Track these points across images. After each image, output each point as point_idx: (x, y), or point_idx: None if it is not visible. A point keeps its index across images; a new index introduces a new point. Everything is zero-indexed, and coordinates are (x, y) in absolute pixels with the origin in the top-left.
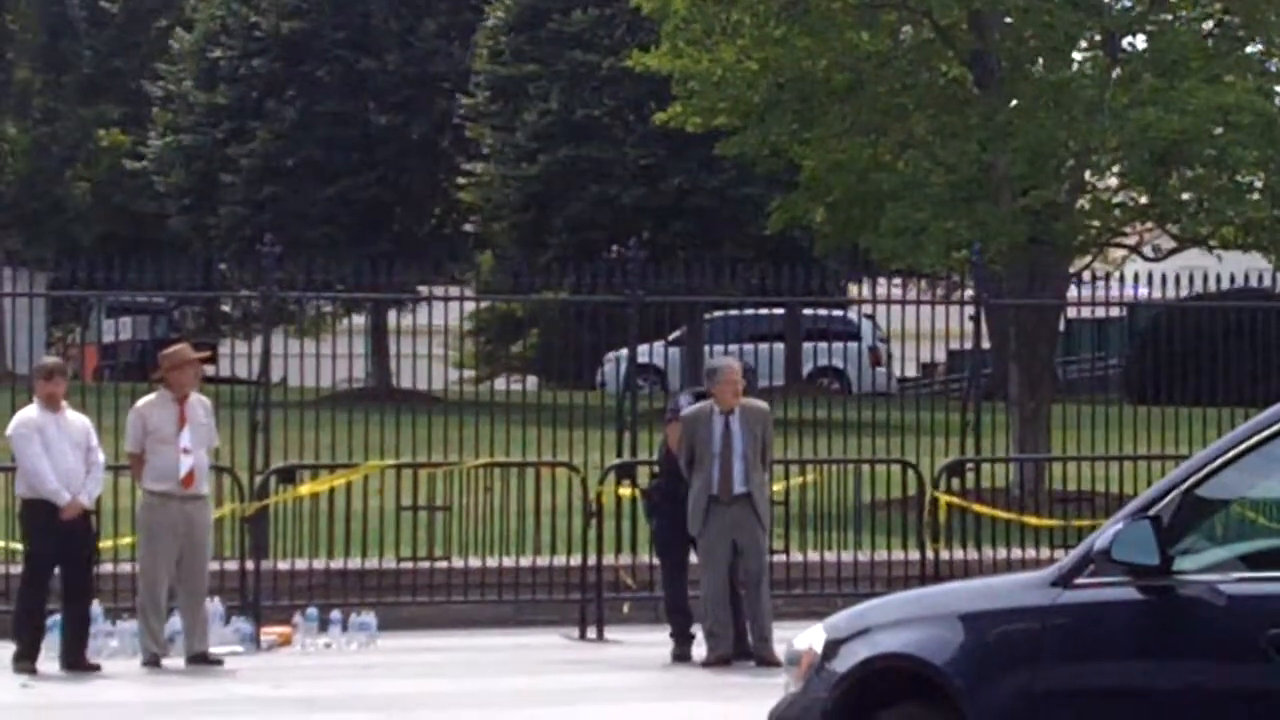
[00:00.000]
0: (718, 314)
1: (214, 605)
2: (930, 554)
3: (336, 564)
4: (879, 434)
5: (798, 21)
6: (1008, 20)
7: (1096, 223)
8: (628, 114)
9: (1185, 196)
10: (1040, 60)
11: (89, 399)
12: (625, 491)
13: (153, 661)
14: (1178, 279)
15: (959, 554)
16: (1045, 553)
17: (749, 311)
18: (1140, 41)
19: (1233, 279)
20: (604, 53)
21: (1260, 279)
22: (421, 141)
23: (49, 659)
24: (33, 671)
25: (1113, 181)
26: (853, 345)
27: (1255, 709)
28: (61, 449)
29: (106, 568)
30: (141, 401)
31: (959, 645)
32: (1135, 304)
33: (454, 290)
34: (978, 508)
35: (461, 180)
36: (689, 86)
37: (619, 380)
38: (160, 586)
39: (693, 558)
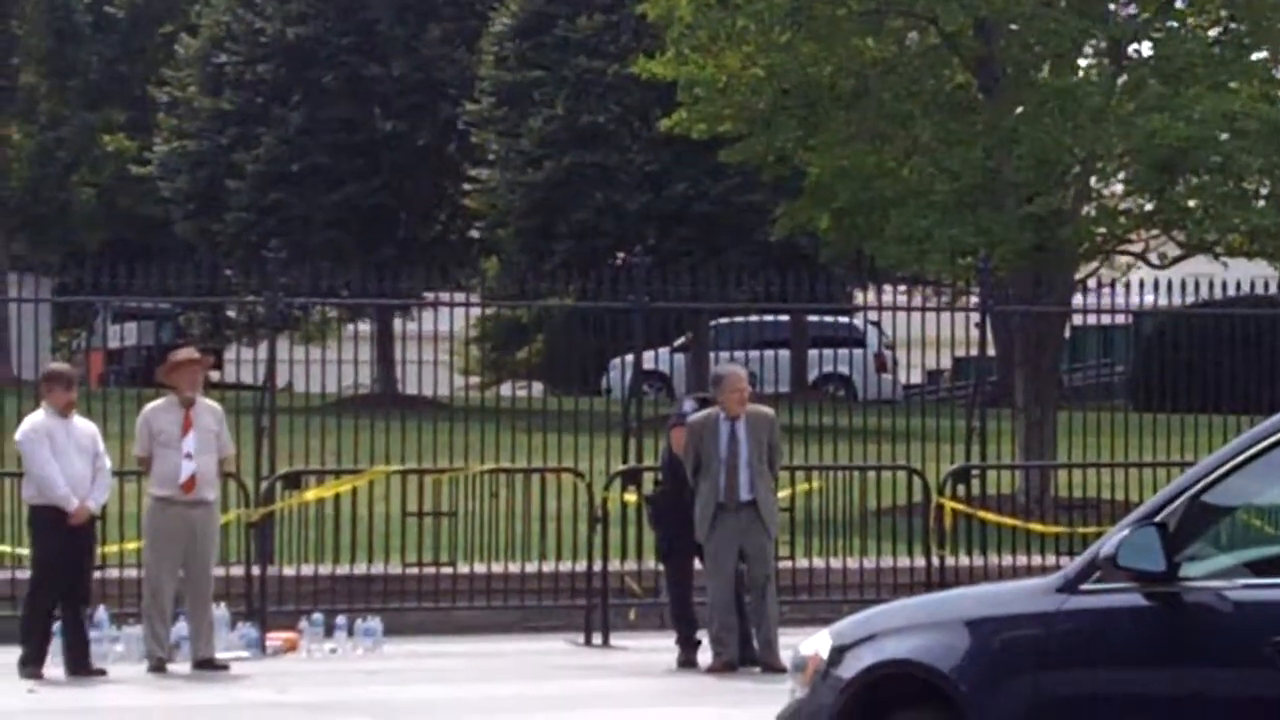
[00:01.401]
0: (723, 320)
1: (220, 610)
2: (936, 560)
3: (342, 569)
4: (884, 440)
5: (803, 28)
6: (1013, 27)
7: (1102, 230)
8: (633, 120)
9: (1191, 203)
10: (1046, 67)
11: (94, 405)
12: (630, 497)
13: (158, 667)
14: (1183, 286)
15: (964, 560)
16: (1050, 559)
17: (754, 318)
18: (1146, 48)
19: (1238, 286)
20: (609, 59)
21: (1266, 286)
22: (427, 147)
23: (54, 664)
24: (39, 677)
25: (1118, 188)
26: (858, 352)
27: (1261, 716)
28: (69, 455)
29: (112, 573)
30: (149, 406)
31: (965, 651)
32: (1141, 311)
33: (459, 296)
34: (983, 514)
35: (467, 186)
36: (694, 93)
37: (624, 386)
38: (165, 591)
39: (697, 564)
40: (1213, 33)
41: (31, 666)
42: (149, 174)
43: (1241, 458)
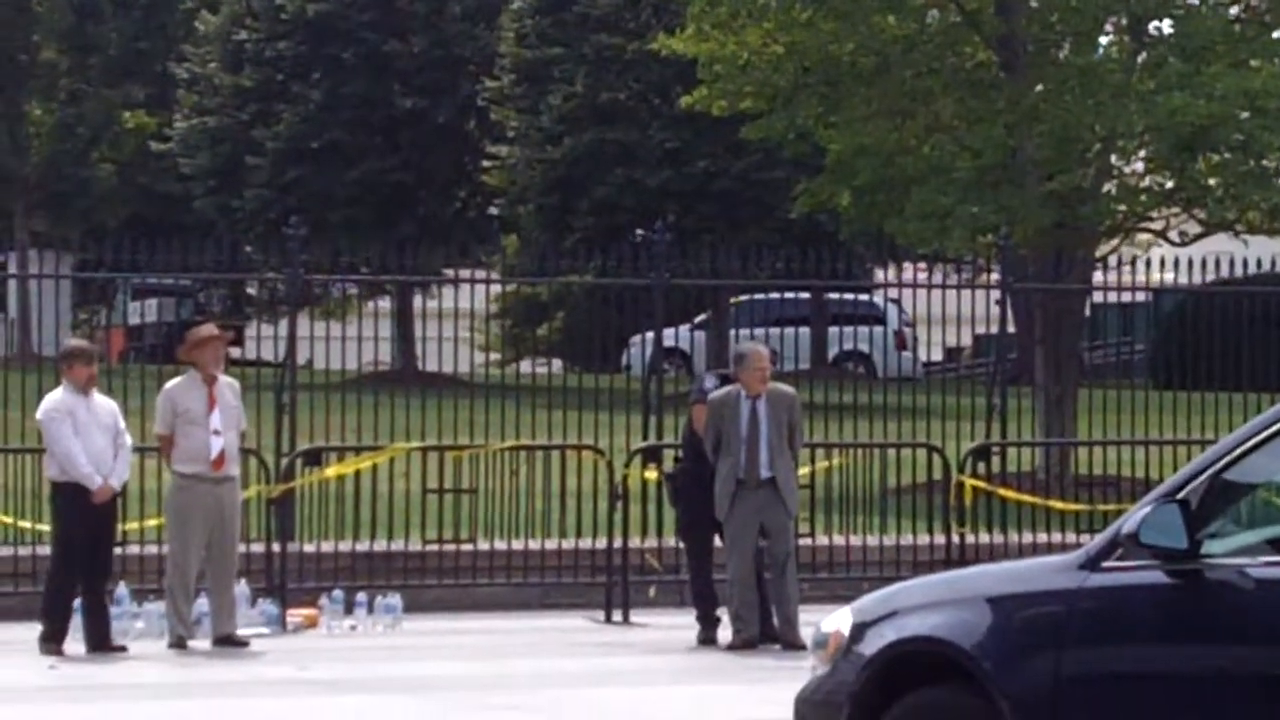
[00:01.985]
0: (743, 298)
1: (240, 587)
2: (956, 538)
3: (362, 546)
4: (904, 418)
5: (823, 5)
6: (1034, 4)
7: (1123, 207)
8: (653, 97)
9: (1211, 181)
10: (1067, 44)
11: (115, 382)
12: (651, 475)
13: (179, 643)
14: (1204, 264)
15: (984, 538)
16: (1071, 537)
17: (774, 295)
18: (1166, 26)
19: (1259, 264)
20: (629, 36)
21: None
22: (447, 124)
23: (75, 641)
24: (60, 653)
25: (1139, 166)
26: (878, 329)
27: None
28: (91, 432)
29: (133, 549)
30: (171, 383)
31: (986, 628)
32: (1161, 289)
33: (479, 273)
34: (1003, 492)
35: (486, 163)
36: (714, 70)
37: (644, 363)
38: (190, 569)
39: (718, 541)
40: (1233, 10)
41: (52, 643)
42: (169, 151)
43: (1263, 435)
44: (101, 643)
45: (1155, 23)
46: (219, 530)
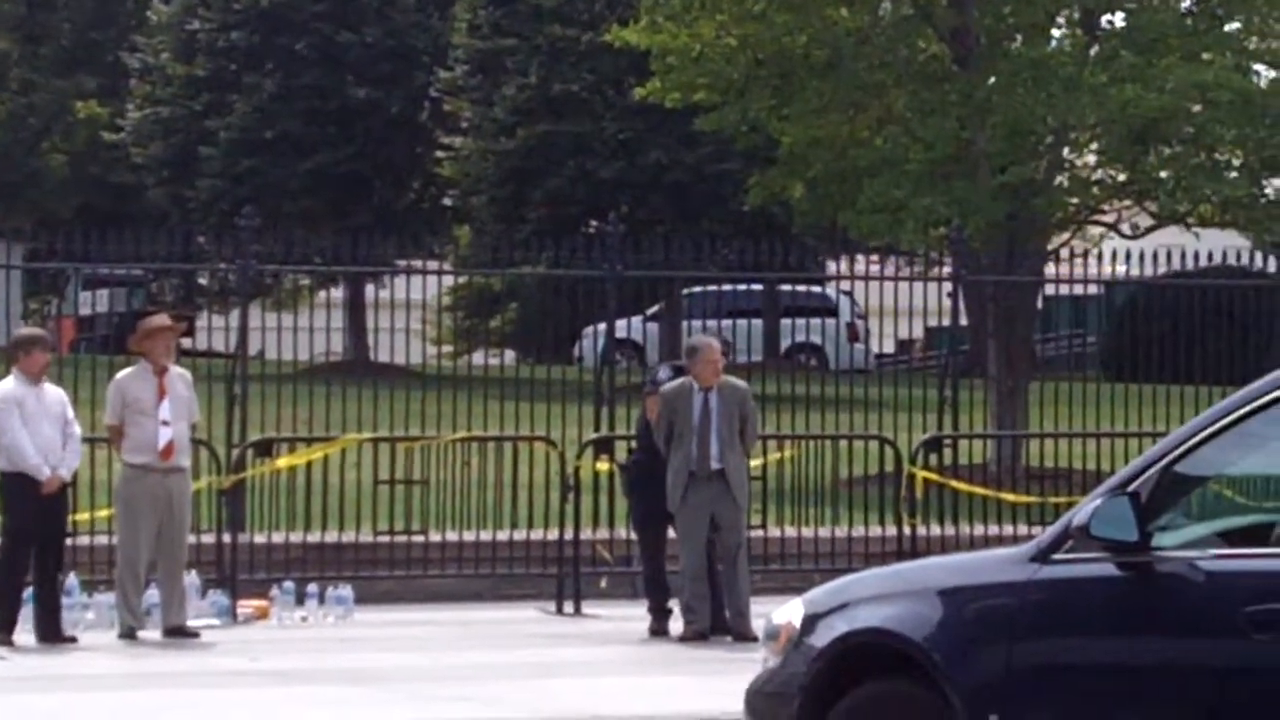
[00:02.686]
0: (696, 289)
1: (191, 578)
2: (908, 530)
3: (314, 537)
4: (857, 410)
5: None
6: None
7: (1075, 200)
8: (606, 89)
9: (1163, 174)
10: (1019, 37)
11: (66, 371)
12: (603, 466)
13: (129, 634)
14: (1155, 256)
15: (936, 530)
16: (1022, 529)
17: (727, 287)
18: (1119, 19)
19: (1210, 257)
20: (582, 27)
21: (1238, 257)
22: (400, 115)
23: (24, 631)
24: (9, 644)
25: (1091, 159)
26: (831, 321)
27: (1232, 685)
28: (39, 422)
29: (83, 540)
30: (121, 373)
31: (937, 620)
32: (1113, 281)
33: (432, 264)
34: (955, 484)
35: (440, 154)
36: (668, 62)
37: (597, 355)
38: (139, 560)
39: (671, 533)
40: (1185, 3)
41: (2, 633)
42: (121, 141)
43: (1214, 428)
44: (52, 633)
45: (1107, 16)
46: (168, 521)
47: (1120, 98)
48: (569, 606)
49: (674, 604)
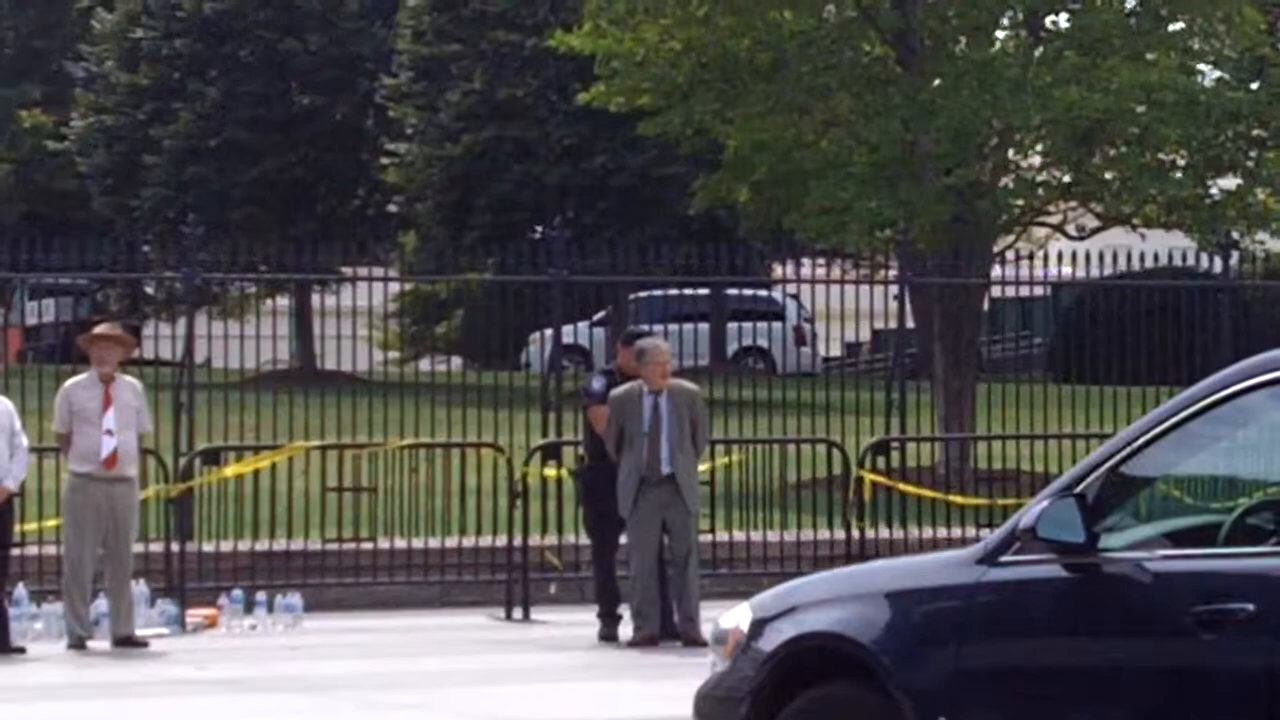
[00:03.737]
0: (642, 294)
1: (139, 587)
2: (856, 533)
3: (262, 545)
4: (804, 414)
5: (721, 1)
6: None
7: (1020, 201)
8: (551, 94)
9: (1108, 175)
10: (963, 39)
11: (12, 382)
12: (550, 472)
13: (78, 644)
14: (1101, 258)
15: (884, 533)
16: (970, 531)
17: (673, 291)
18: (1063, 20)
19: (1156, 258)
20: (527, 32)
21: (1184, 258)
22: (345, 122)
23: None
24: None
25: (1036, 160)
26: (777, 325)
27: (1181, 685)
28: None
29: (31, 550)
30: (69, 382)
31: (885, 624)
32: (1059, 283)
33: (378, 271)
34: (903, 487)
35: (385, 161)
36: (612, 66)
37: (543, 361)
38: (85, 568)
39: (622, 538)
40: (1129, 4)
41: None
42: (66, 149)
43: (1160, 429)
44: (0, 644)
45: (1051, 17)
46: (113, 530)
47: (1065, 99)
48: (518, 612)
49: (624, 609)
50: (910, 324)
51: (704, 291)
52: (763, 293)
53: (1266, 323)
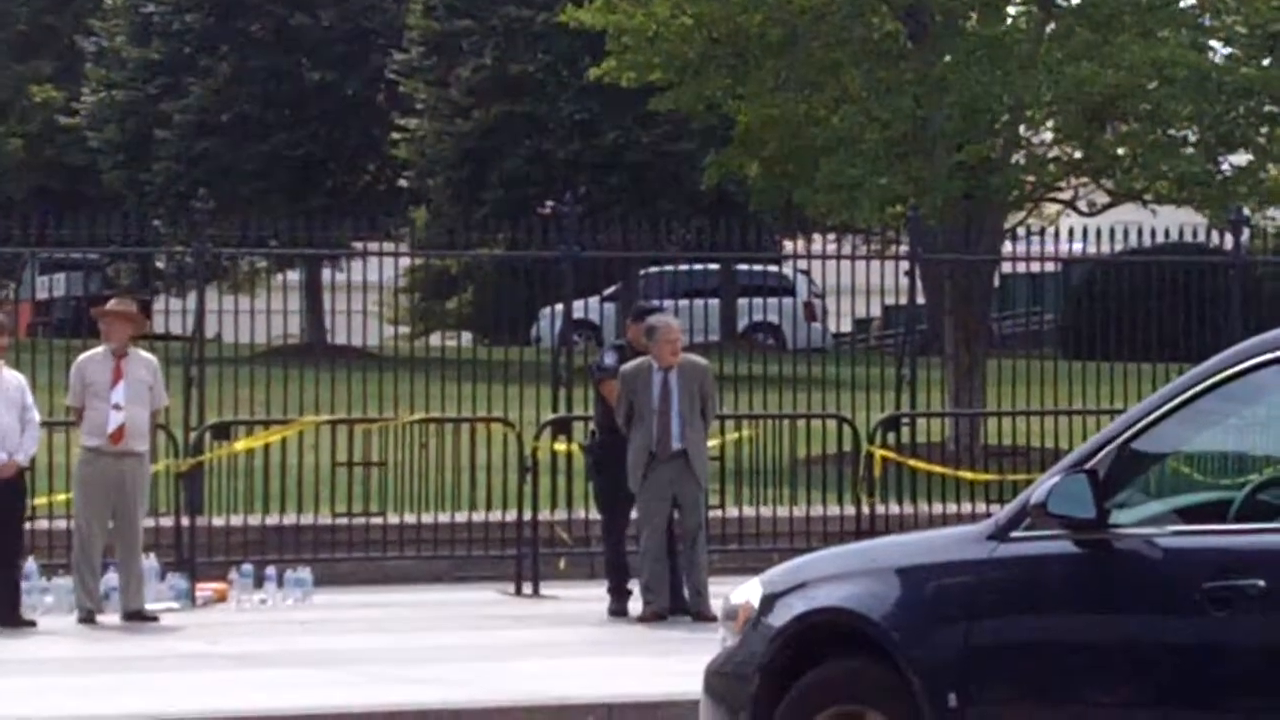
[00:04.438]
0: (653, 269)
1: (149, 562)
2: (866, 509)
3: (272, 520)
4: (814, 389)
5: None
6: None
7: (1031, 178)
8: (562, 69)
9: (1120, 151)
10: (974, 15)
11: (23, 355)
12: (560, 447)
13: (88, 618)
14: (1112, 234)
15: (894, 509)
16: (980, 507)
17: (684, 267)
18: None
19: (1167, 234)
20: (537, 8)
21: (1195, 234)
22: (356, 97)
23: None
24: None
25: (1047, 136)
26: (788, 301)
27: (1191, 661)
28: None
29: (42, 524)
30: (82, 356)
31: (895, 599)
32: (1070, 259)
33: (388, 246)
34: (913, 462)
35: (396, 136)
36: (623, 41)
37: (554, 336)
38: (94, 542)
39: (632, 513)
40: None
41: None
42: (77, 124)
43: (1171, 405)
44: (11, 617)
45: None
46: (121, 505)
47: (1076, 75)
48: (528, 588)
49: (633, 585)
50: (921, 300)
51: (714, 267)
52: (773, 268)
53: (1277, 299)
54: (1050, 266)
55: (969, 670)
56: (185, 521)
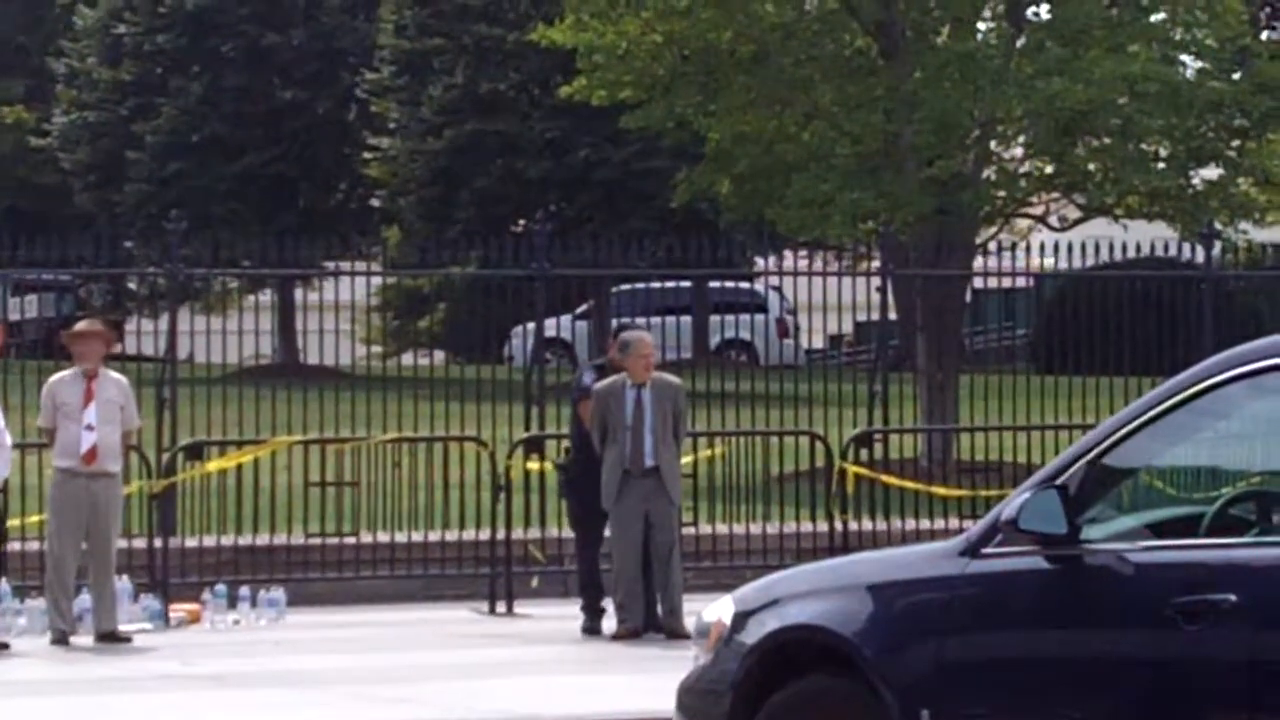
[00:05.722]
0: (625, 287)
1: (122, 583)
2: (839, 525)
3: (245, 540)
4: (787, 406)
5: None
6: None
7: (1002, 193)
8: (533, 88)
9: (1091, 166)
10: (945, 30)
11: None
12: (533, 465)
13: (61, 639)
14: (1084, 249)
15: (867, 525)
16: (953, 523)
17: (656, 284)
18: (1045, 11)
19: (1139, 248)
20: (508, 26)
21: (1166, 248)
22: (327, 117)
23: None
24: None
25: (1018, 151)
26: (760, 317)
27: (1163, 676)
28: None
29: (14, 545)
30: (54, 377)
31: (868, 616)
32: (1042, 274)
33: (360, 265)
34: (886, 478)
35: (367, 155)
36: (594, 60)
37: (526, 354)
38: (67, 564)
39: (605, 531)
40: None
41: None
42: (48, 145)
43: (1142, 420)
44: None
45: (1033, 8)
46: (94, 526)
47: (1047, 90)
48: (501, 606)
49: (607, 603)
50: (893, 316)
51: (686, 284)
52: (745, 285)
53: (1248, 313)
54: (1022, 282)
55: (942, 686)
56: (158, 542)
